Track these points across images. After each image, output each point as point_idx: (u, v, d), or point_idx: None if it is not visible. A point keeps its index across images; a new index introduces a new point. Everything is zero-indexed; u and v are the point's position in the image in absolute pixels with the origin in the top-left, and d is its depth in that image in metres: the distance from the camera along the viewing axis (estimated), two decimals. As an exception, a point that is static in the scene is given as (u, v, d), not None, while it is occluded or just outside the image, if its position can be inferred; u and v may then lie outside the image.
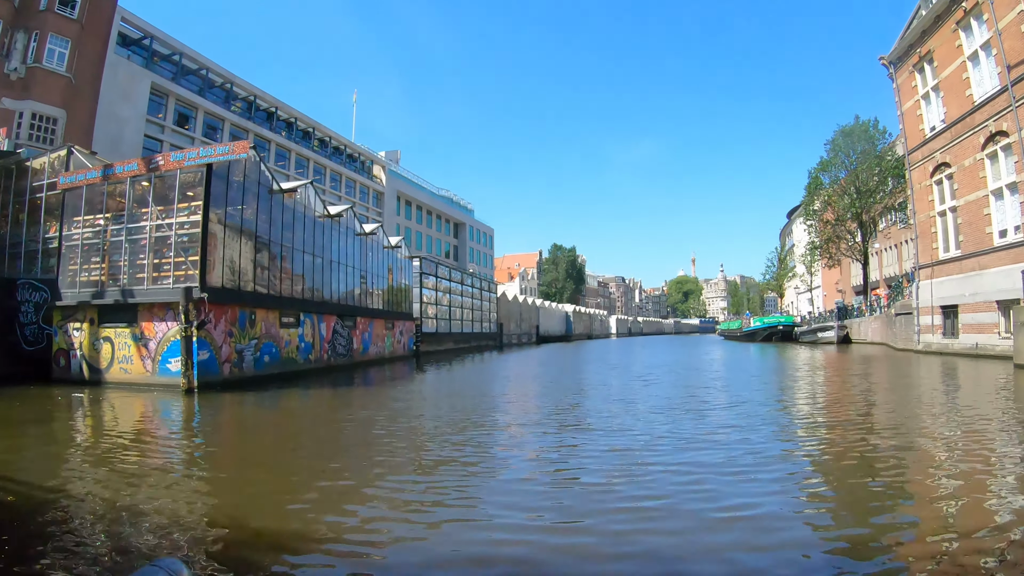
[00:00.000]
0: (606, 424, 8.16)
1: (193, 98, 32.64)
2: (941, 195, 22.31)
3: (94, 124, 26.48)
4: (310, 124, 43.53)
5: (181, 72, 32.40)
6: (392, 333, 28.21)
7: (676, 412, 8.97)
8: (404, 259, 30.28)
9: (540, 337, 60.39)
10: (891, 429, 7.59)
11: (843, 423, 8.17)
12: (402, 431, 8.21)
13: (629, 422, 8.23)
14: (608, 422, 8.29)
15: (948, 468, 5.58)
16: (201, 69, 33.75)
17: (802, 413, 9.42)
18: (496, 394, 13.16)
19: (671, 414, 8.88)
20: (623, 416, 8.79)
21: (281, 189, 20.29)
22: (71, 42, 24.35)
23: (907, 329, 24.63)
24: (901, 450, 6.26)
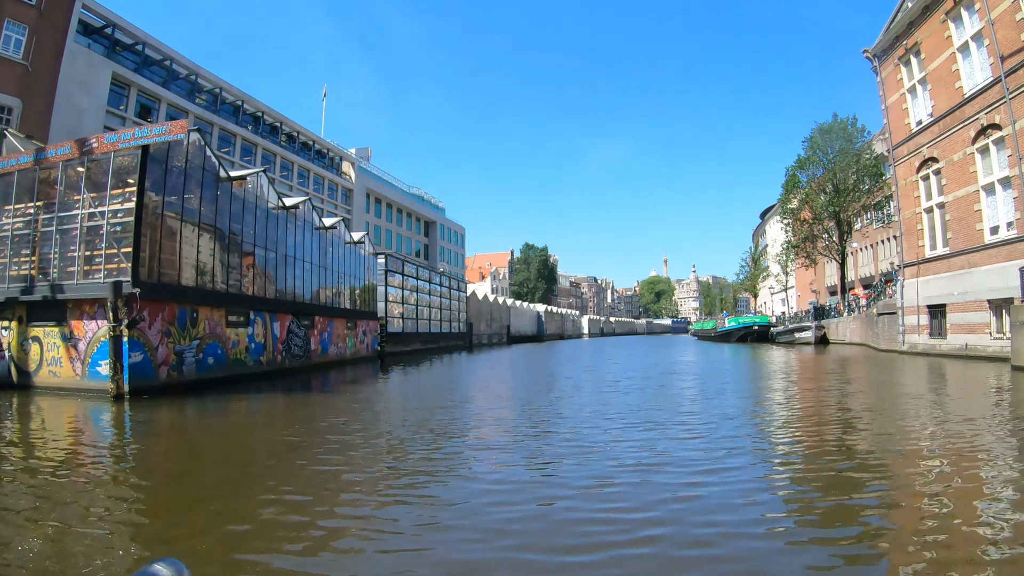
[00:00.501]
0: (582, 464, 6.74)
1: (156, 89, 31.16)
2: (928, 191, 21.55)
3: (51, 114, 24.95)
4: (277, 119, 41.93)
5: (144, 63, 30.96)
6: (354, 333, 26.46)
7: (656, 434, 7.57)
8: (368, 256, 28.55)
9: (511, 337, 59.02)
10: (915, 461, 6.33)
11: (860, 454, 6.89)
12: (348, 450, 6.68)
13: (607, 454, 6.83)
14: (588, 462, 6.86)
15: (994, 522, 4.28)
16: (165, 60, 32.28)
17: (800, 434, 8.13)
18: (459, 404, 11.66)
19: (651, 433, 7.55)
20: (601, 451, 7.39)
21: (229, 176, 18.56)
22: (28, 29, 22.86)
23: (890, 329, 23.87)
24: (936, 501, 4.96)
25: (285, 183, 40.99)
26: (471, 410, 10.21)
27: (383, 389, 15.72)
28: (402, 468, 6.02)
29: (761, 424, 8.33)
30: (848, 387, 13.19)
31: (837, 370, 18.34)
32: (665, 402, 10.72)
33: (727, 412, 9.11)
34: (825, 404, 10.30)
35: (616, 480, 5.22)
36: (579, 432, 7.58)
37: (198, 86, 34.84)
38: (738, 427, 7.76)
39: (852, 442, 6.83)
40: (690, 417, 8.61)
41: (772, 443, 6.99)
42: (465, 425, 8.75)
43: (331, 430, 8.32)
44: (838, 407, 9.83)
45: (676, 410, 9.53)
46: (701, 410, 9.44)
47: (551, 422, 8.45)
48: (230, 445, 8.16)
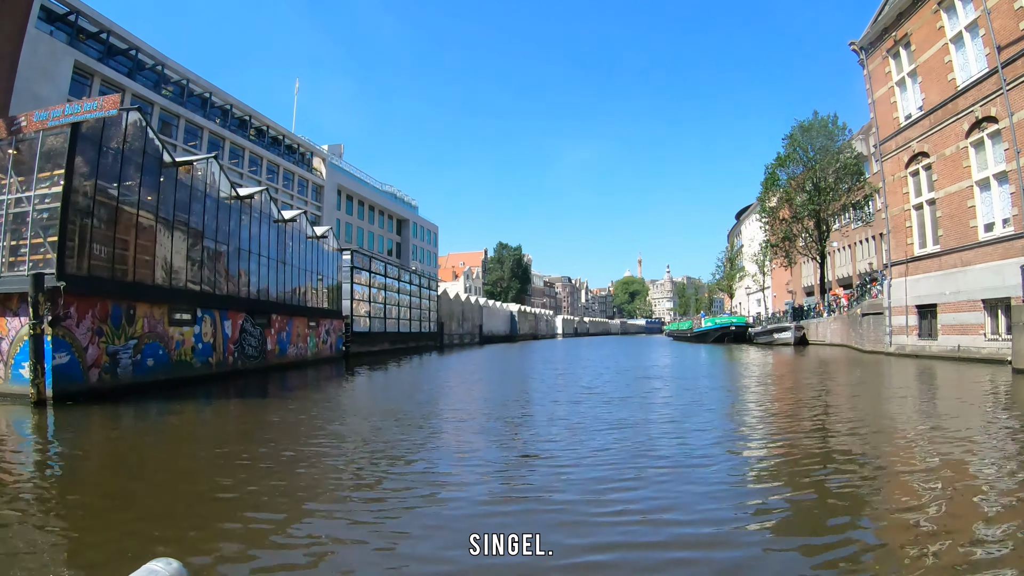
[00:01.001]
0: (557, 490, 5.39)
1: (120, 79, 29.64)
2: (917, 187, 20.81)
3: (10, 102, 23.07)
4: (247, 112, 40.54)
5: (108, 52, 29.50)
6: (316, 332, 24.77)
7: (640, 458, 6.25)
8: (332, 251, 26.86)
9: (483, 337, 57.59)
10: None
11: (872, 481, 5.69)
12: (298, 467, 5.24)
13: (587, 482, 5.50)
14: (564, 491, 5.49)
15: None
16: (131, 49, 30.79)
17: (799, 450, 6.92)
18: (420, 420, 10.24)
19: (632, 456, 6.26)
20: (578, 479, 6.05)
21: (175, 161, 16.87)
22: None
23: (876, 330, 23.13)
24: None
25: (254, 178, 39.77)
26: (431, 431, 8.78)
27: (341, 395, 14.17)
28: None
29: (774, 466, 7.05)
30: (851, 397, 12.13)
31: (827, 375, 17.39)
32: (650, 422, 9.46)
33: (721, 436, 7.83)
34: (834, 426, 9.14)
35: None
36: (558, 479, 6.18)
37: (165, 77, 33.51)
38: (738, 468, 6.43)
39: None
40: (679, 450, 7.24)
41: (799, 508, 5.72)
42: (422, 455, 7.33)
43: (266, 452, 6.83)
44: (849, 429, 8.67)
45: (663, 439, 8.25)
46: (692, 435, 8.18)
47: (523, 468, 6.85)
48: (155, 459, 6.65)
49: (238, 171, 38.28)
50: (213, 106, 37.46)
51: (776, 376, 16.87)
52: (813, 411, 9.60)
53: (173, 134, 33.14)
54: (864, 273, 41.08)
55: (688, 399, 11.36)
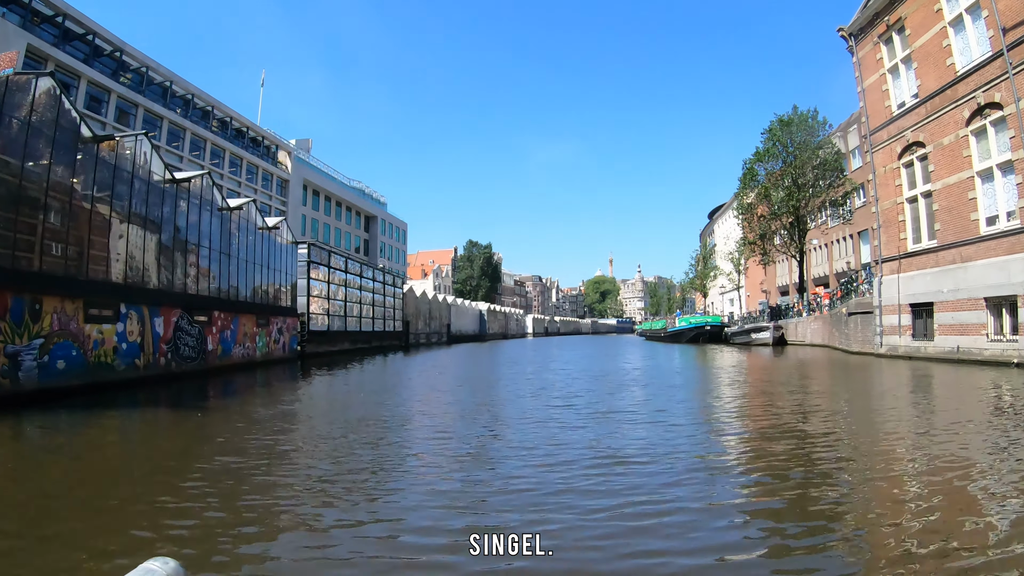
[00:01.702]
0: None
1: (77, 66, 28.02)
2: (911, 179, 19.69)
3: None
4: (209, 102, 38.88)
5: (64, 37, 27.97)
6: (267, 331, 22.59)
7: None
8: (286, 244, 24.65)
9: (452, 336, 55.60)
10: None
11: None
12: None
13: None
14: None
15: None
16: (88, 35, 29.19)
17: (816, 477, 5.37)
18: (372, 442, 8.42)
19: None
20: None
21: (95, 136, 14.69)
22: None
23: (865, 330, 22.00)
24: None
25: (216, 171, 37.81)
26: (380, 460, 6.98)
27: (286, 404, 12.17)
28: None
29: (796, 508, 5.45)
30: (867, 412, 10.67)
31: (820, 381, 16.06)
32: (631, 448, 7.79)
33: (716, 462, 6.21)
34: (846, 445, 7.59)
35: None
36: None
37: (124, 64, 31.82)
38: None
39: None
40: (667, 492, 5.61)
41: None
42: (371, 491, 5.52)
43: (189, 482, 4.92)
44: (867, 446, 7.12)
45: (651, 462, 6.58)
46: (676, 455, 6.53)
47: (486, 503, 5.17)
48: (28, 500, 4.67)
49: (199, 163, 36.72)
50: (174, 96, 35.74)
51: (765, 384, 15.41)
52: (828, 438, 8.05)
53: (131, 123, 31.46)
54: (842, 272, 40.45)
55: (675, 415, 9.74)
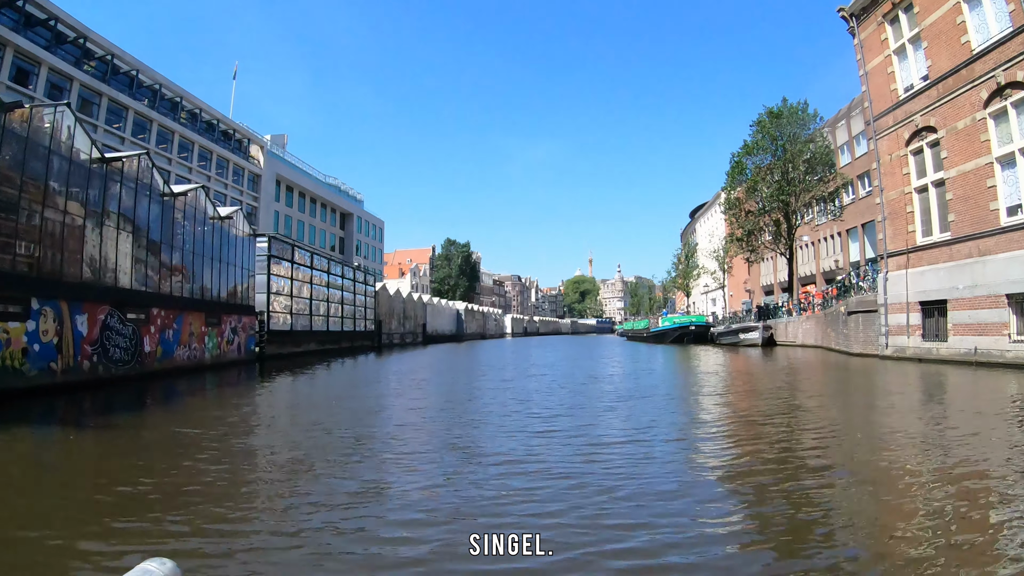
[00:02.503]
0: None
1: (37, 52, 26.41)
2: (921, 166, 18.29)
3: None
4: (178, 93, 36.91)
5: (26, 22, 26.34)
6: (218, 331, 20.42)
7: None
8: (242, 236, 22.47)
9: (427, 337, 53.49)
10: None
11: None
12: None
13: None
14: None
15: None
16: (50, 20, 27.50)
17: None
18: (322, 475, 6.56)
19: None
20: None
21: (2, 104, 12.54)
22: None
23: (867, 330, 20.60)
24: None
25: (184, 164, 36.44)
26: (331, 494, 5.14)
27: (226, 416, 10.15)
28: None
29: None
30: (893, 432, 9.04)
31: (832, 387, 14.53)
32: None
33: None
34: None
35: None
36: None
37: (88, 52, 30.03)
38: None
39: None
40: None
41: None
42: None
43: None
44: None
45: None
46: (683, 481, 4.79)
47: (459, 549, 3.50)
48: None
49: (166, 156, 34.80)
50: (141, 86, 33.89)
51: (766, 391, 13.81)
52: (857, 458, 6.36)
53: (94, 113, 29.61)
54: (830, 271, 39.35)
55: (680, 435, 8.01)
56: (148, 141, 33.71)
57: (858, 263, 37.73)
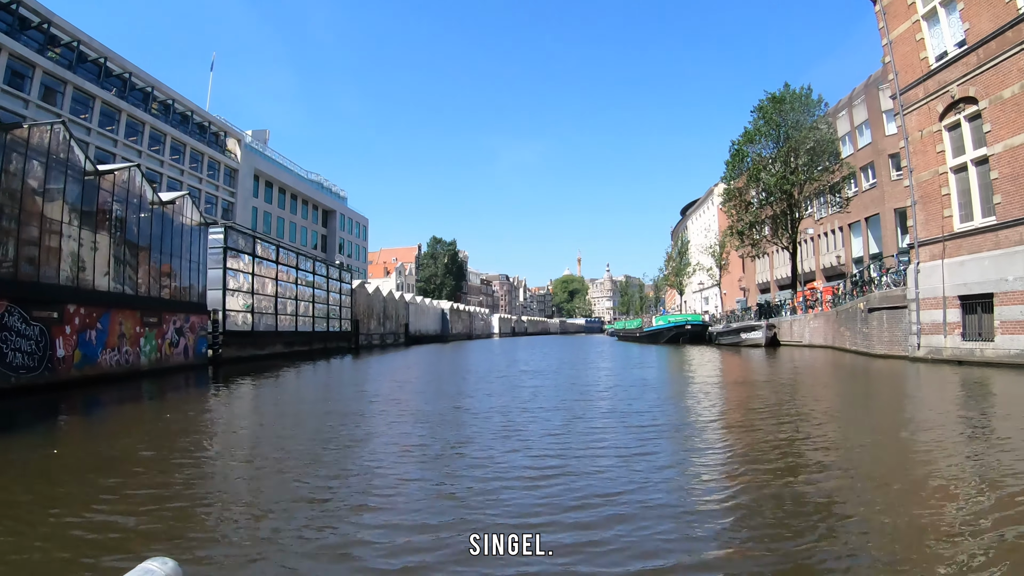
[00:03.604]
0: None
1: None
2: (958, 143, 16.15)
3: None
4: (149, 83, 35.31)
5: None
6: (159, 332, 17.86)
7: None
8: (192, 225, 19.92)
9: (411, 337, 50.90)
10: None
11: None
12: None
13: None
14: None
15: None
16: (12, 3, 26.23)
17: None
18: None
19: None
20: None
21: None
22: None
23: (893, 329, 18.47)
24: None
25: (155, 157, 34.80)
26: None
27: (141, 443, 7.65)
28: None
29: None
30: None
31: (865, 395, 12.34)
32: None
33: None
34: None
35: None
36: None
37: (53, 38, 28.60)
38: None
39: None
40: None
41: None
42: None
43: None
44: None
45: None
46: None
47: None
48: None
49: (136, 148, 33.31)
50: (110, 75, 32.41)
51: (796, 407, 11.58)
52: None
53: (58, 102, 28.04)
54: (831, 267, 37.42)
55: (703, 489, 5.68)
56: (117, 132, 32.50)
57: (861, 258, 35.86)
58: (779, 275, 47.91)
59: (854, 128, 35.59)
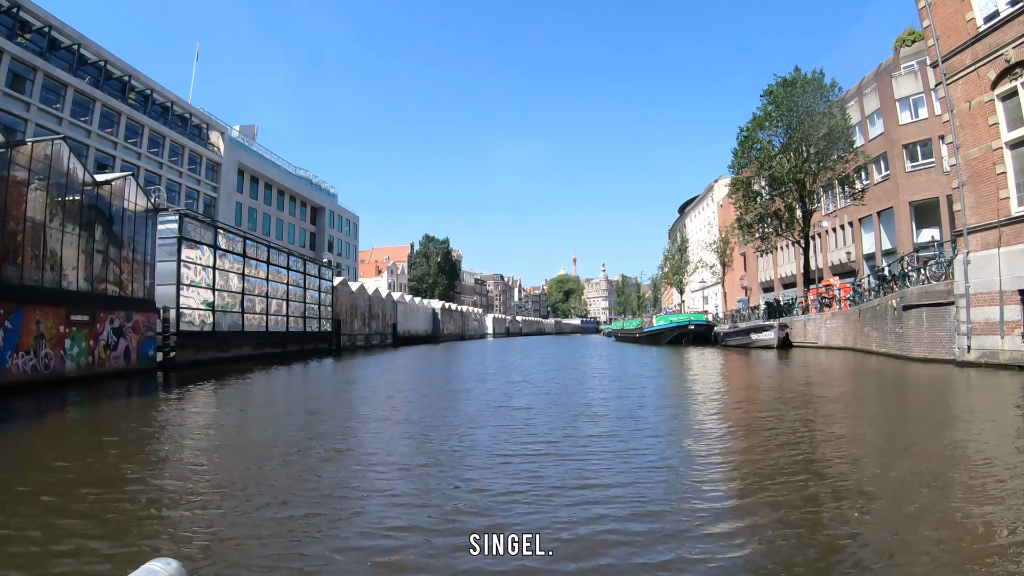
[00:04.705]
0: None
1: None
2: (1015, 113, 13.94)
3: None
4: (126, 71, 33.58)
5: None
6: (91, 332, 15.46)
7: None
8: (136, 210, 17.51)
9: (399, 338, 48.45)
10: None
11: None
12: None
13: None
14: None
15: None
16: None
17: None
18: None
19: None
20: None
21: None
22: None
23: (934, 329, 16.25)
24: None
25: (131, 149, 33.26)
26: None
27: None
28: None
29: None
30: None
31: (936, 413, 10.13)
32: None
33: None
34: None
35: None
36: None
37: (24, 24, 27.23)
38: None
39: None
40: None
41: None
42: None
43: None
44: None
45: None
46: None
47: None
48: None
49: (111, 140, 31.63)
50: (85, 63, 30.81)
51: (873, 430, 9.36)
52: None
53: (27, 90, 26.57)
54: (840, 264, 35.27)
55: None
56: (90, 123, 30.22)
57: (873, 255, 33.76)
58: (783, 273, 45.78)
59: (864, 118, 33.59)
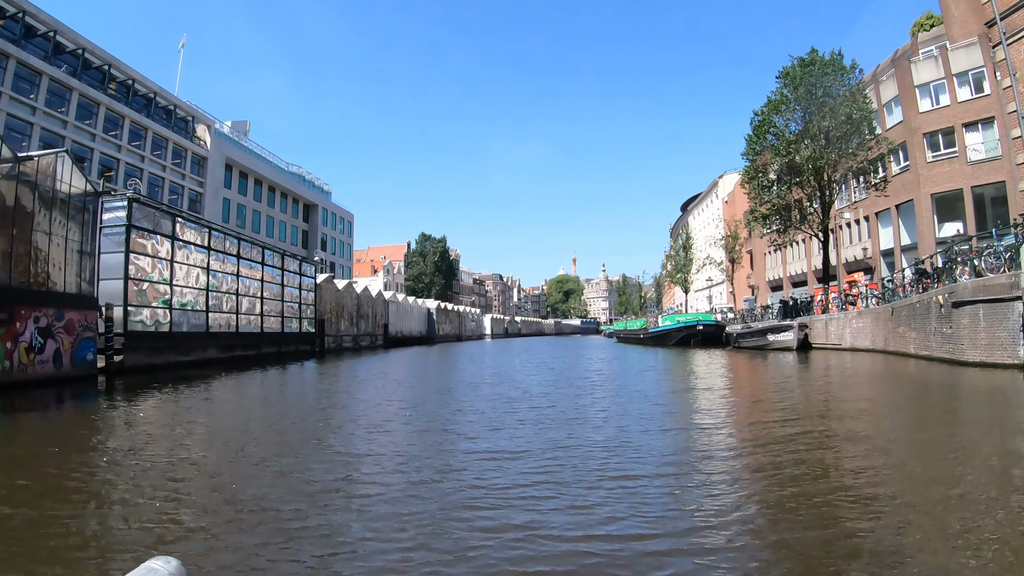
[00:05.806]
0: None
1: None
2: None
3: None
4: (106, 60, 32.36)
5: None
6: (9, 332, 13.17)
7: None
8: (72, 193, 15.23)
9: (391, 339, 46.17)
10: None
11: None
12: None
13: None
14: None
15: None
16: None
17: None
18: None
19: None
20: None
21: None
22: None
23: (993, 329, 13.97)
24: None
25: (111, 141, 31.94)
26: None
27: None
28: None
29: None
30: None
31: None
32: None
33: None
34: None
35: None
36: None
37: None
38: None
39: None
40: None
41: None
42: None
43: None
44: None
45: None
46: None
47: None
48: None
49: (90, 132, 30.44)
50: (63, 51, 29.68)
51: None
52: None
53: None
54: (854, 261, 33.07)
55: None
56: (67, 113, 28.96)
57: (891, 251, 31.58)
58: (793, 271, 43.57)
59: (882, 106, 31.54)
